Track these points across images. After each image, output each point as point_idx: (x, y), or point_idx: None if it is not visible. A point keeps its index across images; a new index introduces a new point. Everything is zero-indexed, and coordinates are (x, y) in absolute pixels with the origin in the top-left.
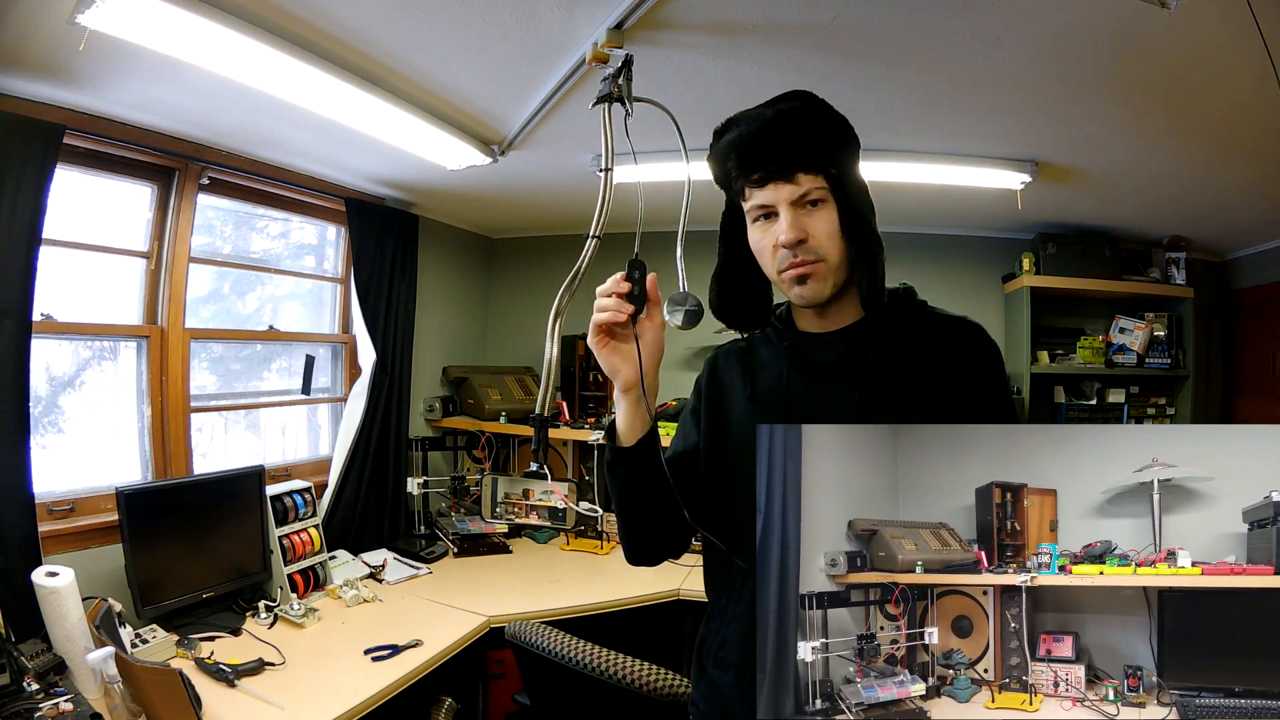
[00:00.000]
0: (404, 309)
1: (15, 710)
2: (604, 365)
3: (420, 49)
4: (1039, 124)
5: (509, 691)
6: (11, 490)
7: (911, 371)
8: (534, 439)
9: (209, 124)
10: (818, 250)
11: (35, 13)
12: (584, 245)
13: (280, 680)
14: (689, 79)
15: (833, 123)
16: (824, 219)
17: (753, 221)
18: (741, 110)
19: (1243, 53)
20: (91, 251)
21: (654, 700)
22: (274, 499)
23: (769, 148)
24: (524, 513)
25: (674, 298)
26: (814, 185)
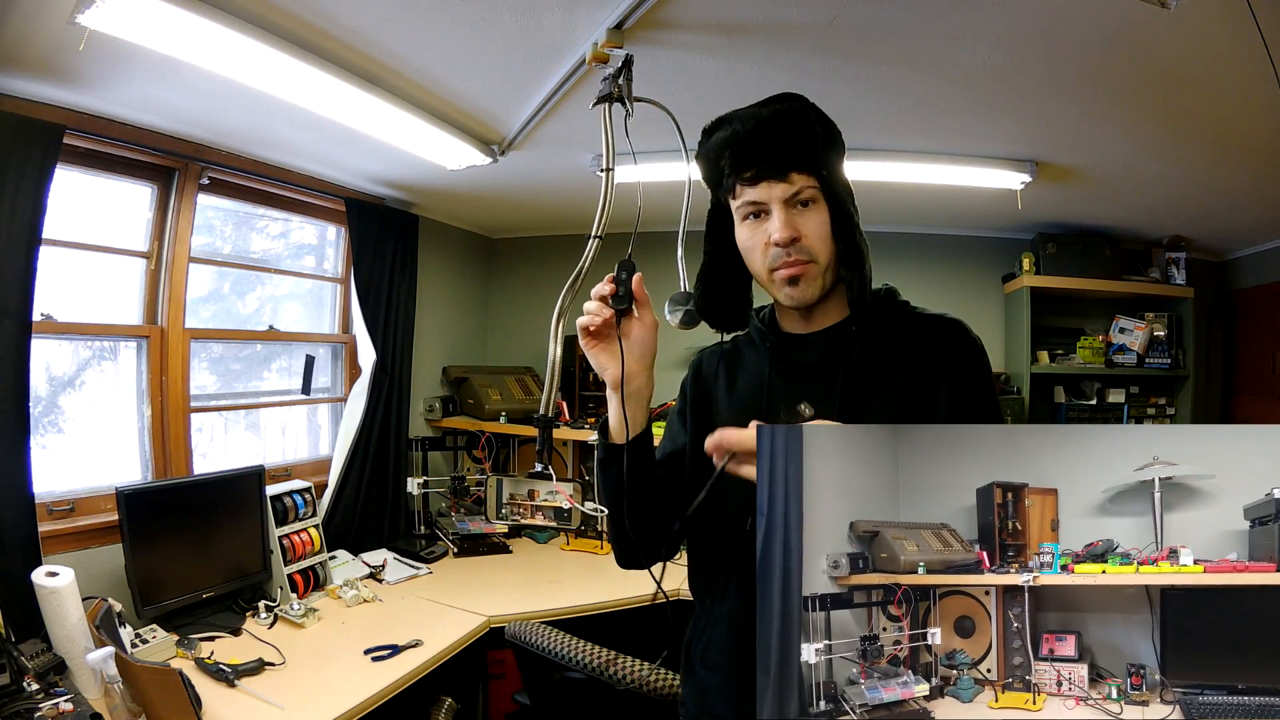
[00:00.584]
0: (404, 309)
1: (15, 710)
2: (594, 365)
3: (420, 49)
4: (1039, 124)
5: (509, 691)
6: (11, 490)
7: (892, 371)
8: (538, 439)
9: (209, 124)
10: (809, 250)
11: (35, 13)
12: (584, 245)
13: (280, 680)
14: (689, 79)
15: (824, 125)
16: (816, 219)
17: (742, 220)
18: (734, 109)
19: (1243, 53)
20: (91, 251)
21: (654, 700)
22: (274, 499)
23: (763, 146)
24: (529, 513)
25: (675, 298)
26: (806, 184)
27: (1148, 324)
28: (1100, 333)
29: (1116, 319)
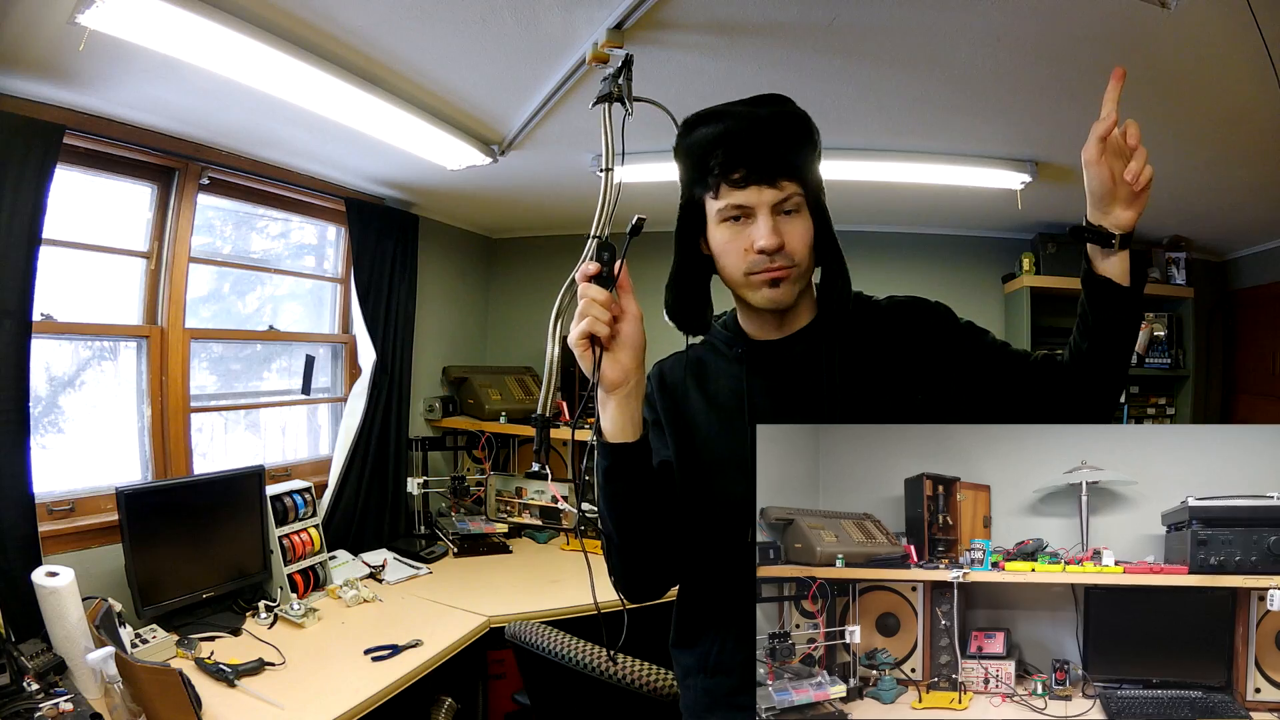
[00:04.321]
0: (404, 309)
1: (15, 710)
2: (587, 367)
3: (420, 49)
4: (1039, 124)
5: (509, 691)
6: (11, 490)
7: (870, 364)
8: (535, 439)
9: (209, 124)
10: (792, 257)
11: (35, 13)
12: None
13: (280, 680)
14: (689, 79)
15: (812, 131)
16: (801, 227)
17: (720, 221)
18: (719, 105)
19: (1243, 53)
20: (91, 251)
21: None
22: (274, 499)
23: (757, 148)
24: (517, 511)
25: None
26: (794, 192)
27: (1148, 324)
28: None
29: None
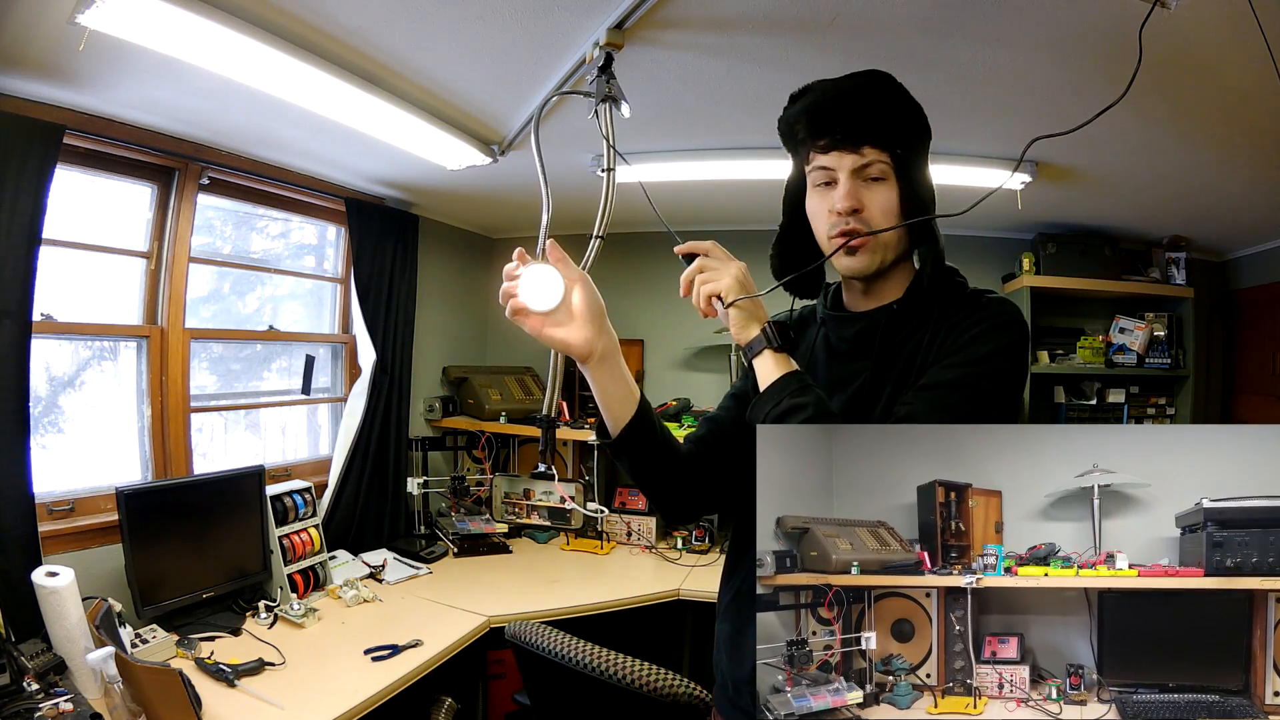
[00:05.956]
0: (404, 309)
1: (15, 710)
2: (550, 343)
3: (420, 49)
4: (1039, 124)
5: (509, 691)
6: (11, 490)
7: (924, 353)
8: (541, 440)
9: (209, 124)
10: (870, 223)
11: (35, 13)
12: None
13: (280, 680)
14: (689, 78)
15: (905, 105)
16: (882, 194)
17: (813, 186)
18: (817, 80)
19: (1243, 53)
20: (91, 251)
21: (654, 700)
22: (274, 499)
23: (838, 115)
24: (525, 513)
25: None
26: (877, 159)
27: (1148, 324)
28: (1100, 333)
29: (1116, 319)
